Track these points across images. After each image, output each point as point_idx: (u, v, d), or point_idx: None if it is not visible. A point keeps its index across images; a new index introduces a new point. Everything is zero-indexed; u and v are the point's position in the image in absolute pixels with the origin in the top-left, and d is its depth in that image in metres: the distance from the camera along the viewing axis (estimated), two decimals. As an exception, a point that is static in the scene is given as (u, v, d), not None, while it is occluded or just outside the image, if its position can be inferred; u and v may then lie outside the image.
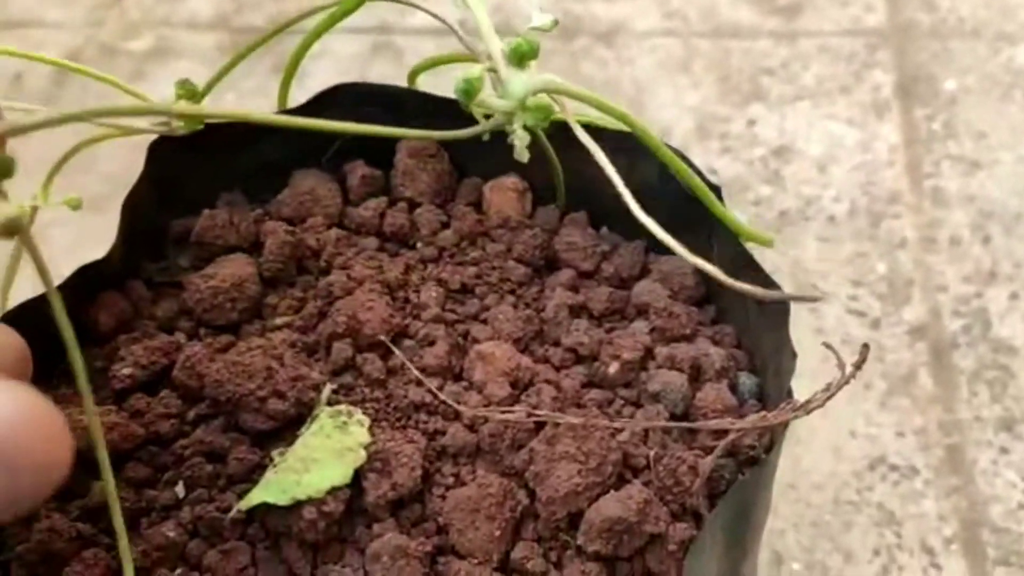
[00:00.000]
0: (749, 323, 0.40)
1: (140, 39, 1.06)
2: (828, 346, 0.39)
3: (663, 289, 0.41)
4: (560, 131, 0.44)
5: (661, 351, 0.38)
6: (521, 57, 0.32)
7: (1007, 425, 0.64)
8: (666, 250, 0.44)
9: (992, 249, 0.74)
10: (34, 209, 0.40)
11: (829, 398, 0.37)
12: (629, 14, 0.96)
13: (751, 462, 0.36)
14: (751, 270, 0.38)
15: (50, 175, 0.43)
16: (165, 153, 0.43)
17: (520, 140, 0.33)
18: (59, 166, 0.42)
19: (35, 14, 1.10)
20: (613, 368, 0.38)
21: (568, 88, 0.35)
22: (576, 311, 0.41)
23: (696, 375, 0.38)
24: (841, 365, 0.38)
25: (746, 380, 0.39)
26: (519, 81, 0.32)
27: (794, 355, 0.35)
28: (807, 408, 0.35)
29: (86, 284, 0.40)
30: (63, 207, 0.41)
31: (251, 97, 0.95)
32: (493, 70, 0.32)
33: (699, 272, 0.43)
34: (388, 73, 0.95)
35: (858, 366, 0.37)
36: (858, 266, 0.74)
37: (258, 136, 0.45)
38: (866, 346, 0.37)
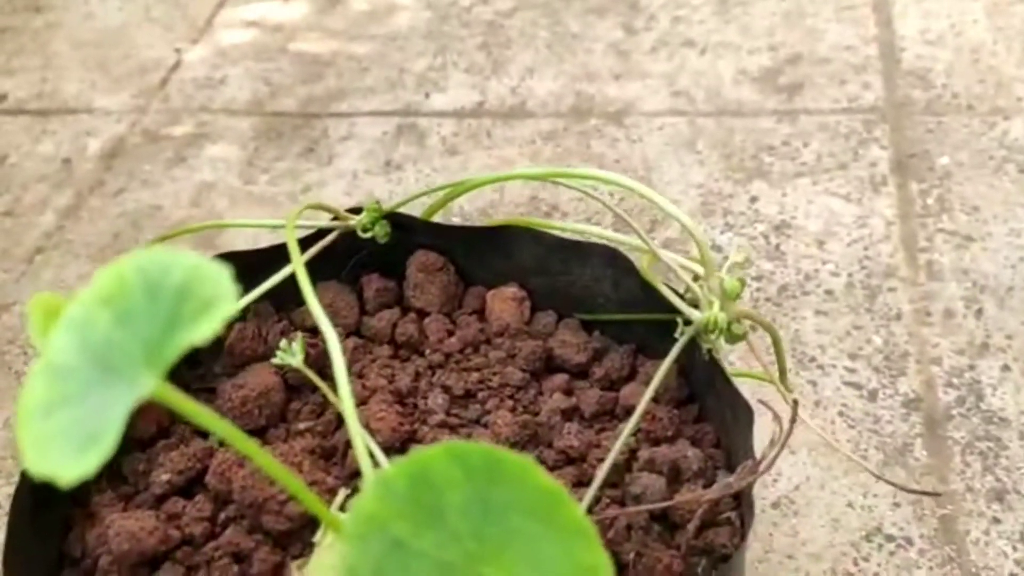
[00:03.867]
0: (727, 424, 0.44)
1: (181, 124, 1.13)
2: (763, 403, 0.43)
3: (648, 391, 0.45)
4: (557, 247, 0.49)
5: (643, 454, 0.42)
6: (734, 295, 0.41)
7: (998, 496, 0.67)
8: (653, 353, 0.48)
9: (985, 321, 0.77)
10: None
11: (776, 456, 0.41)
12: (638, 94, 1.01)
13: (725, 559, 0.40)
14: (723, 380, 0.42)
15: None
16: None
17: (716, 348, 0.41)
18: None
19: (84, 101, 1.17)
20: (600, 471, 0.42)
21: (760, 318, 0.43)
22: (569, 414, 0.45)
23: (675, 476, 0.42)
24: (778, 419, 0.42)
25: (724, 479, 0.43)
26: (730, 311, 0.40)
27: (754, 460, 0.39)
28: (761, 468, 0.39)
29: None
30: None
31: (282, 179, 1.02)
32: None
33: (682, 373, 0.47)
34: (412, 154, 1.01)
35: (792, 420, 0.41)
36: (855, 339, 0.77)
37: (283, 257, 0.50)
38: (795, 401, 0.41)
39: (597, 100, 1.02)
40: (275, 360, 0.45)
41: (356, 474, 0.42)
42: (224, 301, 0.22)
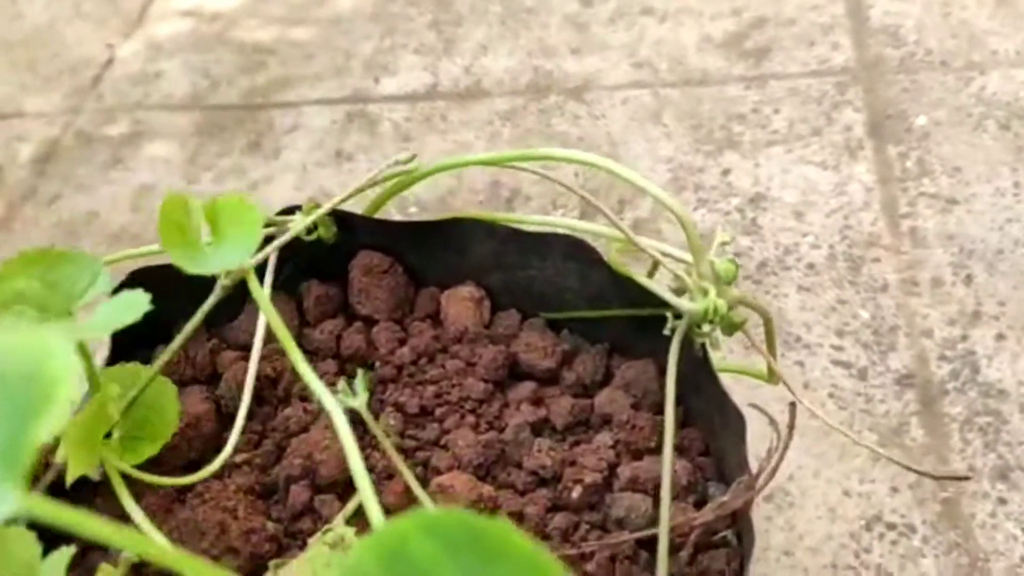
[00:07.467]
0: (715, 429, 0.39)
1: (117, 124, 1.06)
2: (756, 407, 0.38)
3: (626, 397, 0.41)
4: (513, 239, 0.44)
5: (624, 471, 0.37)
6: (729, 278, 0.34)
7: (1002, 474, 0.63)
8: (629, 352, 0.43)
9: (975, 288, 0.73)
10: None
11: (775, 468, 0.37)
12: (598, 68, 0.96)
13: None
14: (711, 380, 0.38)
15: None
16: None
17: (711, 340, 0.36)
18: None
19: (14, 105, 1.10)
20: (576, 492, 0.37)
21: (754, 302, 0.37)
22: (538, 428, 0.40)
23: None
24: (776, 427, 0.37)
25: (715, 492, 0.38)
26: (727, 297, 0.35)
27: (750, 474, 0.35)
28: (759, 484, 0.35)
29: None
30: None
31: (227, 177, 0.96)
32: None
33: (661, 374, 0.42)
34: (364, 143, 0.95)
35: (791, 426, 0.37)
36: (841, 314, 0.73)
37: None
38: (793, 404, 0.37)
39: (556, 76, 0.97)
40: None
41: (298, 515, 0.37)
42: (60, 384, 0.17)
